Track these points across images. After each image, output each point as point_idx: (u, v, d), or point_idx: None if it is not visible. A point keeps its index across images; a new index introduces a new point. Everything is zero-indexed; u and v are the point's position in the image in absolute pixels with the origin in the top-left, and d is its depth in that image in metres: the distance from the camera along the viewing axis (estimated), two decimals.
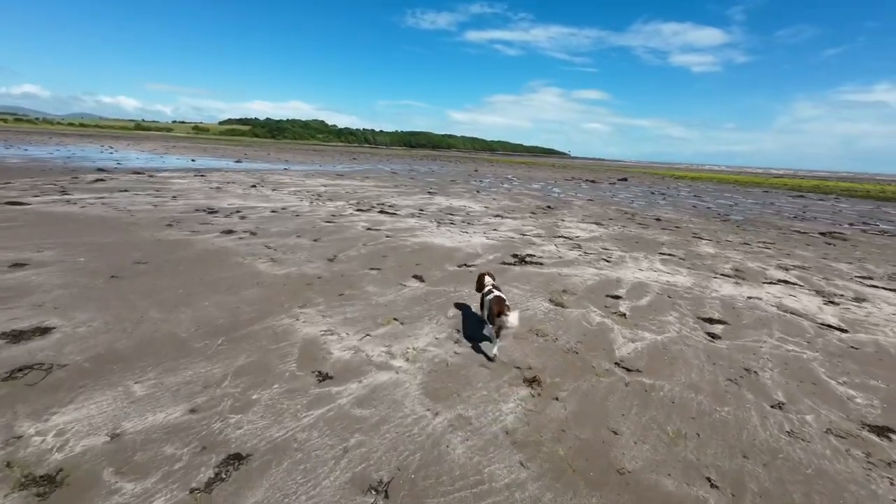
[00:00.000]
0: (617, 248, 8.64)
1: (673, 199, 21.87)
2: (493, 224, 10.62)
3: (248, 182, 16.57)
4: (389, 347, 3.65)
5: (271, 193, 13.59)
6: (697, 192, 27.25)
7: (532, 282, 5.87)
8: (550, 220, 12.07)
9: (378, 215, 10.73)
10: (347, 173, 25.63)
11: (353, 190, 16.44)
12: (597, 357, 3.73)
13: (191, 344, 3.47)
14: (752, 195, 27.47)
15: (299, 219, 9.49)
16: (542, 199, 17.66)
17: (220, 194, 12.57)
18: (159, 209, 9.51)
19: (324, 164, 33.66)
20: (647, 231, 11.06)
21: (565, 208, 15.06)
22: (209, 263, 5.70)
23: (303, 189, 15.48)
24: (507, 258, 7.14)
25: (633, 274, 6.62)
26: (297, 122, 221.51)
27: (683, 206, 18.68)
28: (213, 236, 7.27)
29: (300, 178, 20.27)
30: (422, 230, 9.11)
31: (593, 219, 12.76)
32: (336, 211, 10.98)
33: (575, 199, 18.49)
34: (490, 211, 13.04)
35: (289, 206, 11.27)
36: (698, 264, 7.62)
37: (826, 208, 21.05)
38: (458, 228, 9.60)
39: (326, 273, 5.63)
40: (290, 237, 7.61)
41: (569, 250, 8.08)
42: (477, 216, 11.80)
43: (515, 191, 21.13)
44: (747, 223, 14.05)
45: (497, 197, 17.50)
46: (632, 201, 19.28)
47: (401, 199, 14.65)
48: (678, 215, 15.05)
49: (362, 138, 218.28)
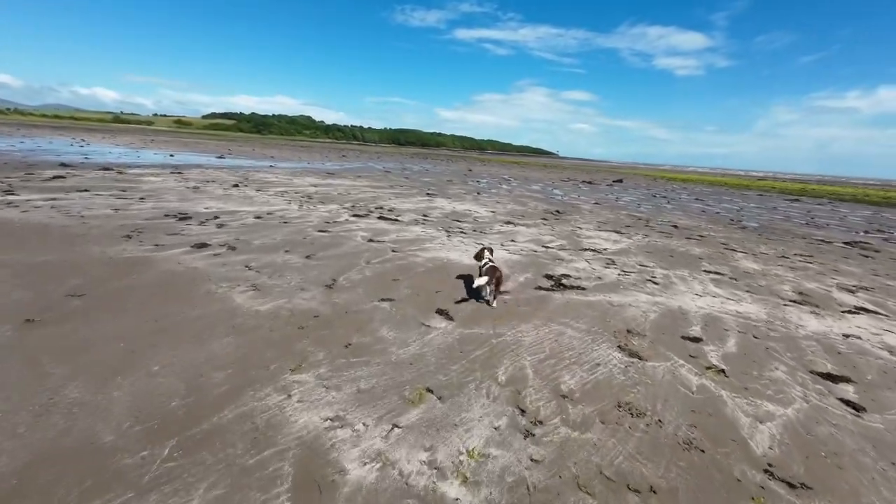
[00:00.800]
0: (654, 263, 7.53)
1: (677, 202, 21.06)
2: (507, 233, 9.41)
3: (229, 181, 14.96)
4: (432, 453, 2.38)
5: (255, 195, 12.09)
6: (697, 195, 26.61)
7: (583, 316, 4.67)
8: (566, 227, 10.93)
9: (378, 222, 9.39)
10: (338, 171, 24.09)
11: (346, 191, 15.01)
12: (733, 458, 2.54)
13: (116, 462, 2.14)
14: (750, 198, 26.98)
15: (288, 227, 8.09)
16: (548, 203, 16.54)
17: (197, 195, 11.02)
18: (120, 214, 7.98)
19: (312, 162, 31.94)
20: (673, 241, 10.02)
21: (575, 213, 13.97)
22: (171, 294, 4.32)
23: (291, 189, 13.98)
24: (541, 280, 5.93)
25: (693, 302, 5.50)
26: (283, 118, 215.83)
27: (691, 210, 17.83)
28: (181, 252, 5.85)
29: (287, 176, 18.70)
30: (431, 242, 7.83)
31: (610, 226, 11.68)
32: (330, 217, 9.59)
33: (581, 203, 17.44)
34: (499, 217, 11.83)
35: (275, 210, 9.83)
36: (754, 286, 6.55)
37: (830, 213, 20.54)
38: (471, 239, 8.35)
39: (325, 307, 4.32)
40: (278, 252, 6.24)
41: (604, 268, 6.92)
42: (486, 223, 10.57)
43: (517, 192, 19.98)
44: (766, 231, 13.20)
45: (501, 199, 16.30)
46: (638, 205, 18.34)
47: (399, 201, 13.31)
48: (693, 221, 14.11)
49: (350, 135, 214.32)
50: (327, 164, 30.05)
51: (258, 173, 18.89)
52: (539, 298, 5.13)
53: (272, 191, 13.24)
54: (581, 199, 18.76)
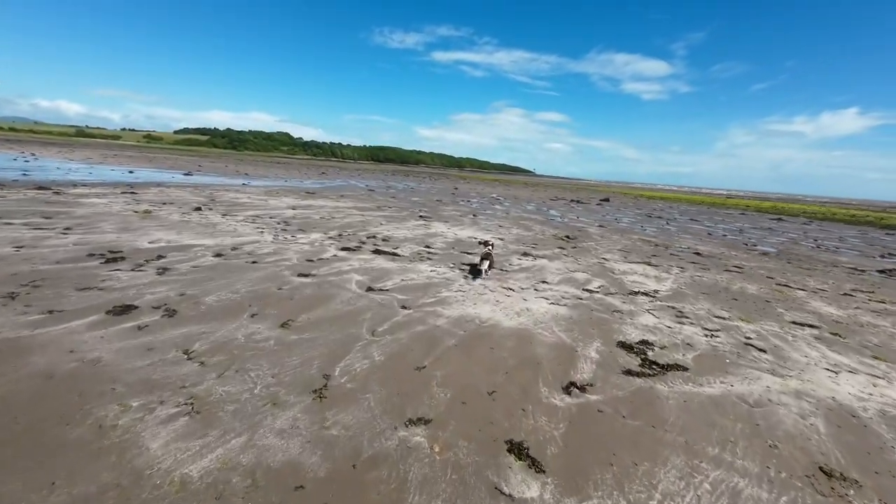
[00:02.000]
0: (727, 312, 5.96)
1: (676, 223, 20.11)
2: (531, 270, 7.69)
3: (192, 202, 12.70)
4: None
5: (221, 221, 9.95)
6: (689, 215, 26.00)
7: (725, 433, 2.92)
8: (590, 258, 9.35)
9: (374, 258, 7.49)
10: (318, 190, 22.01)
11: (329, 214, 13.02)
12: None
13: None
14: (738, 218, 26.62)
15: (257, 269, 6.07)
16: (552, 226, 15.06)
17: (145, 223, 8.81)
18: (21, 255, 5.75)
19: (290, 179, 29.66)
20: (716, 276, 8.59)
21: (587, 239, 12.49)
22: (21, 442, 2.30)
23: (265, 213, 11.88)
24: (620, 354, 4.18)
25: (838, 386, 3.87)
26: (259, 134, 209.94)
27: (696, 232, 16.79)
28: (84, 326, 3.77)
29: (261, 196, 16.51)
30: (448, 288, 6.00)
31: (635, 255, 10.20)
32: (313, 251, 7.62)
33: (585, 226, 16.06)
34: (510, 245, 10.14)
35: (243, 242, 7.77)
36: (871, 345, 5.04)
37: (826, 235, 20.08)
38: (497, 283, 6.58)
39: (315, 457, 2.38)
40: (240, 317, 4.24)
41: (680, 324, 5.27)
42: (501, 254, 8.84)
43: (514, 214, 18.49)
44: (790, 257, 12.10)
45: (502, 223, 14.69)
46: (643, 227, 17.16)
47: (392, 227, 11.45)
48: (711, 247, 12.90)
49: (329, 152, 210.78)
50: (306, 182, 27.88)
51: (228, 193, 16.62)
52: (640, 397, 3.36)
53: (242, 215, 11.11)
54: (582, 221, 17.43)
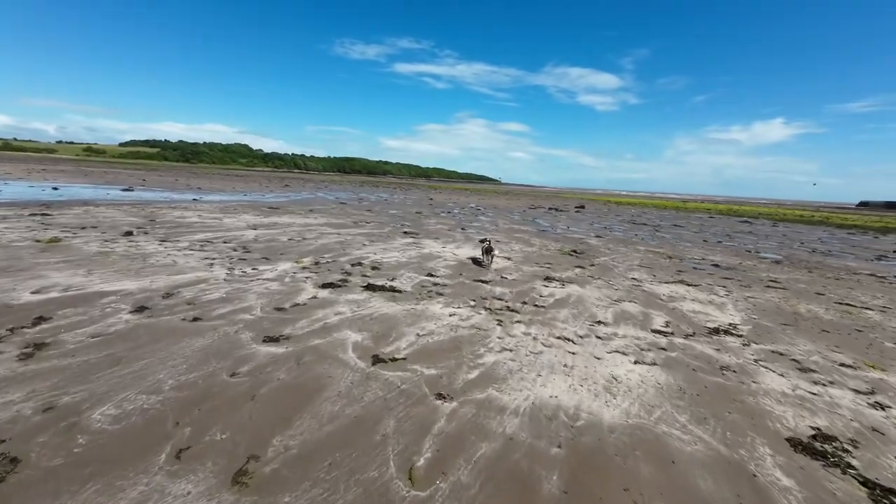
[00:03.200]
0: (844, 355, 4.56)
1: (665, 230, 19.44)
2: (571, 303, 6.04)
3: (122, 224, 10.12)
4: None
5: (156, 250, 7.61)
6: (667, 220, 25.74)
7: None
8: (620, 280, 7.88)
9: (369, 299, 5.55)
10: (283, 205, 19.54)
11: (299, 233, 10.86)
12: None
13: None
14: (714, 222, 26.73)
15: (198, 335, 3.97)
16: (550, 238, 13.65)
17: (44, 258, 6.36)
18: None
19: (250, 193, 26.75)
20: (768, 296, 7.36)
21: (597, 253, 11.12)
22: None
23: (218, 236, 9.56)
24: (823, 476, 2.58)
25: None
26: (216, 146, 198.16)
27: (692, 240, 16.03)
28: None
29: (215, 213, 13.98)
30: (486, 345, 4.20)
31: (661, 272, 8.89)
32: (283, 291, 5.57)
33: (582, 236, 14.80)
34: (524, 267, 8.49)
35: (183, 283, 5.59)
36: None
37: (803, 236, 20.15)
38: (543, 327, 4.87)
39: None
40: (149, 469, 2.23)
41: (817, 385, 3.76)
42: (522, 281, 7.17)
43: (503, 225, 16.99)
44: (805, 265, 11.33)
45: (497, 236, 13.08)
46: (638, 236, 16.17)
47: (378, 248, 9.50)
48: (721, 257, 11.95)
49: (292, 163, 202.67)
50: (269, 196, 25.14)
51: (173, 211, 13.95)
52: None
53: (187, 240, 8.77)
54: (576, 231, 16.21)
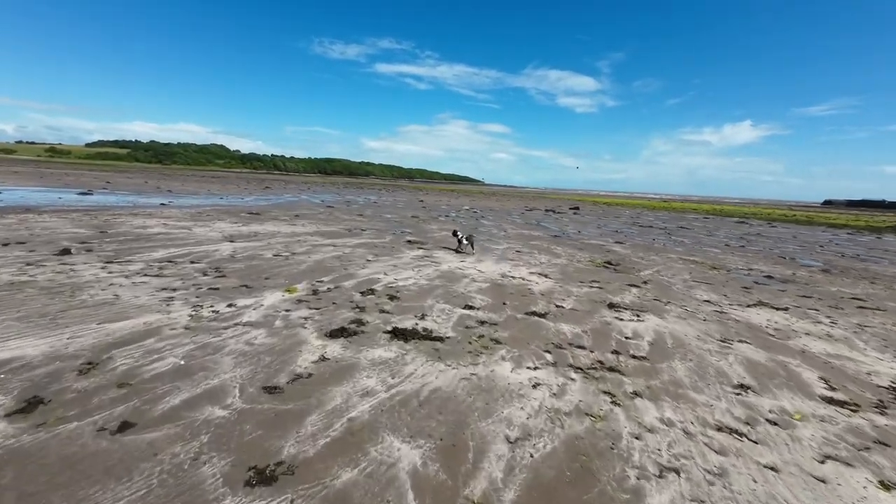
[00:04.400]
0: None
1: (675, 233, 18.29)
2: (676, 352, 4.44)
3: (62, 238, 7.98)
4: None
5: (95, 277, 5.61)
6: (667, 221, 24.77)
7: None
8: (698, 306, 6.36)
9: (400, 352, 3.78)
10: (265, 209, 17.40)
11: (286, 246, 8.94)
12: None
13: None
14: (708, 221, 25.97)
15: (118, 481, 2.18)
16: (572, 246, 12.11)
17: None
18: None
19: (227, 196, 24.31)
20: (872, 320, 6.00)
21: (635, 265, 9.63)
22: None
23: (185, 252, 7.55)
24: None
25: None
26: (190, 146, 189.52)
27: (713, 244, 14.85)
28: None
29: (185, 221, 11.83)
30: (627, 460, 2.52)
31: (727, 290, 7.44)
32: (271, 345, 3.74)
33: (602, 243, 13.35)
34: (574, 290, 6.86)
35: (119, 338, 3.67)
36: None
37: (815, 239, 19.41)
38: (675, 404, 3.25)
39: None
40: None
41: None
42: (585, 312, 5.56)
43: (512, 231, 15.40)
44: (856, 273, 10.19)
45: (514, 245, 11.44)
46: (659, 241, 14.88)
47: (386, 265, 7.71)
48: (762, 265, 10.68)
49: (271, 164, 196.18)
50: (248, 199, 22.82)
51: (134, 218, 11.74)
52: None
53: (144, 259, 6.75)
54: (589, 236, 14.76)
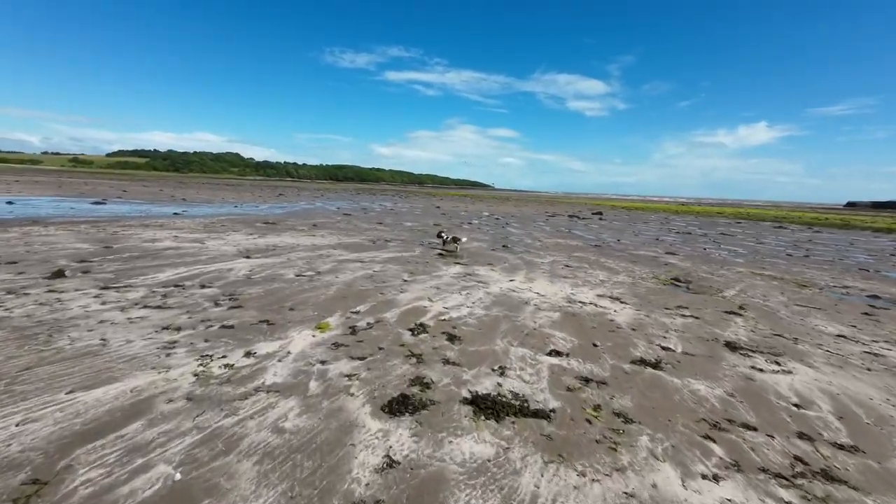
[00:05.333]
0: None
1: (722, 241, 16.76)
2: (878, 434, 3.15)
3: (60, 256, 6.93)
4: None
5: (83, 312, 4.49)
6: (703, 227, 23.15)
7: None
8: (842, 346, 4.99)
9: (496, 448, 2.47)
10: (281, 218, 16.40)
11: (308, 261, 7.79)
12: None
13: None
14: (744, 228, 24.25)
15: None
16: (624, 258, 10.73)
17: None
18: None
19: (242, 205, 23.48)
20: None
21: (711, 284, 8.25)
22: None
23: (195, 272, 6.44)
24: None
25: None
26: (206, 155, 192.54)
27: (771, 254, 13.31)
28: None
29: (197, 232, 10.82)
30: None
31: (855, 319, 6.02)
32: (309, 429, 2.48)
33: (655, 254, 11.94)
34: (667, 323, 5.57)
35: (94, 420, 2.45)
36: None
37: (876, 246, 17.66)
38: None
39: None
40: None
41: None
42: (710, 358, 4.25)
43: (546, 240, 14.06)
44: None
45: (558, 257, 10.12)
46: (710, 251, 13.40)
47: (426, 286, 6.47)
48: (857, 282, 9.17)
49: (284, 172, 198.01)
50: (263, 208, 21.94)
51: (145, 230, 10.77)
52: None
53: (147, 283, 5.65)
54: (632, 245, 13.33)
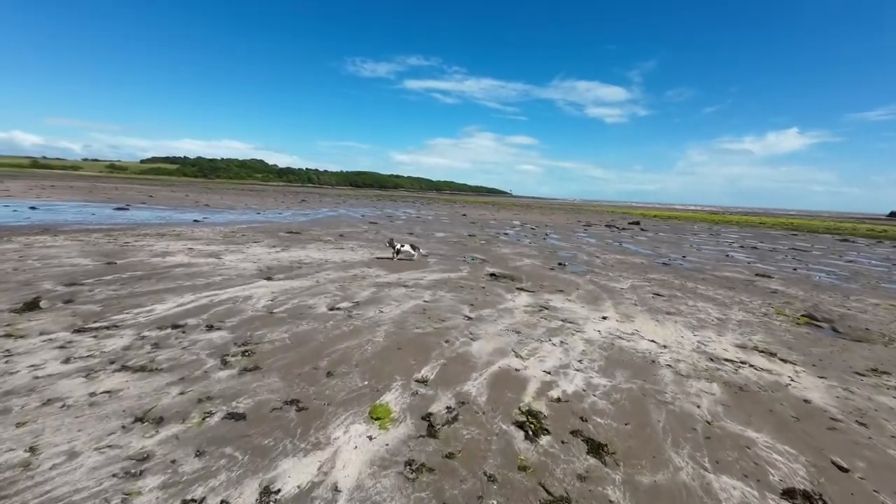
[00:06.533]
0: None
1: (810, 258, 14.49)
2: None
3: (51, 276, 5.57)
4: None
5: (31, 382, 3.00)
6: (763, 239, 20.72)
7: None
8: None
9: None
10: (305, 227, 15.11)
11: (342, 287, 6.24)
12: None
13: None
14: (806, 240, 21.63)
15: None
16: (715, 282, 8.80)
17: None
18: None
19: (264, 211, 22.48)
20: None
21: (856, 322, 6.31)
22: None
23: (203, 303, 4.94)
24: None
25: None
26: (233, 162, 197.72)
27: (881, 276, 11.09)
28: None
29: (215, 244, 9.49)
30: None
31: None
32: None
33: (743, 276, 9.95)
34: (872, 398, 3.75)
35: None
36: None
37: None
38: None
39: None
40: None
41: None
42: None
43: (604, 256, 12.21)
44: None
45: (643, 283, 8.32)
46: (810, 271, 11.28)
47: (498, 327, 4.80)
48: None
49: (306, 178, 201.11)
50: (286, 214, 20.85)
51: (160, 240, 9.54)
52: None
53: (136, 322, 4.19)
54: (707, 263, 11.31)
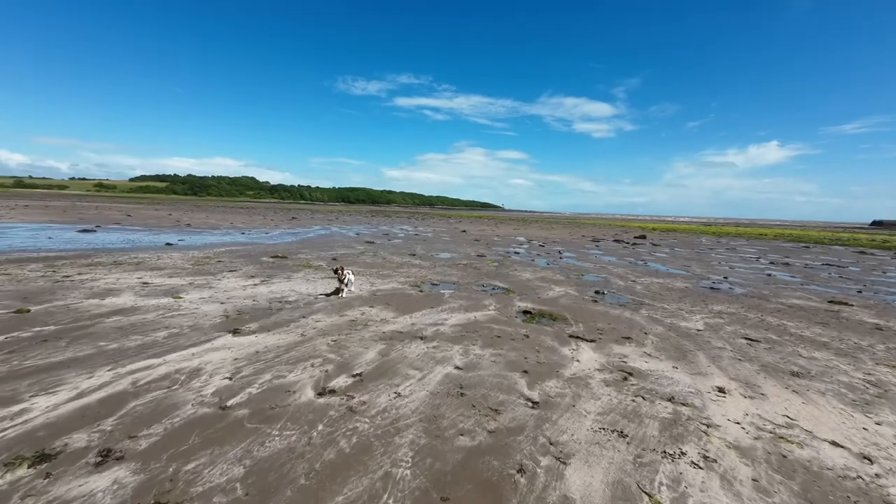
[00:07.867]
0: None
1: (850, 273, 13.00)
2: None
3: None
4: None
5: None
6: (775, 252, 19.38)
7: None
8: None
9: None
10: (293, 250, 13.17)
11: (337, 350, 4.32)
12: None
13: None
14: (822, 252, 20.35)
15: None
16: (786, 313, 7.10)
17: None
18: None
19: (250, 231, 20.47)
20: None
21: None
22: None
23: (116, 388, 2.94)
24: None
25: None
26: (223, 179, 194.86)
27: None
28: None
29: (178, 276, 7.46)
30: None
31: None
32: None
33: (824, 306, 8.31)
34: None
35: None
36: None
37: None
38: None
39: None
40: None
41: None
42: None
43: (639, 279, 10.52)
44: None
45: (716, 320, 6.60)
46: (872, 295, 9.70)
47: (592, 435, 2.93)
48: None
49: (298, 194, 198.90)
50: (274, 235, 18.87)
51: (110, 272, 7.51)
52: None
53: None
54: (754, 287, 9.66)
